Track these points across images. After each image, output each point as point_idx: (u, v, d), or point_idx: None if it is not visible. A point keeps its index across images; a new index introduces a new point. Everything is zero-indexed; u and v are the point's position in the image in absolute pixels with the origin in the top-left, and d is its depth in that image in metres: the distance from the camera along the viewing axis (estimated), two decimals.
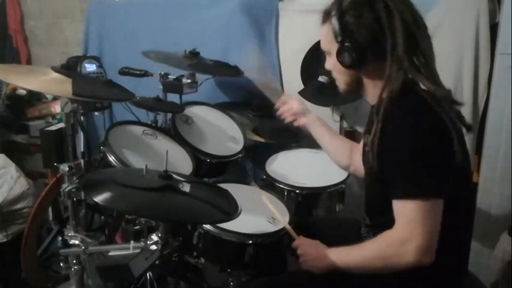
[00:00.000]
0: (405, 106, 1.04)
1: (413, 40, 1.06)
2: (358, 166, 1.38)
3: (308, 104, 2.06)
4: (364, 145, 1.25)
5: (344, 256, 1.13)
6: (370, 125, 1.14)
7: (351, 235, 1.34)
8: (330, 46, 1.15)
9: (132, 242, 1.15)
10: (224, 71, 2.11)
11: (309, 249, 1.22)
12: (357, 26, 1.06)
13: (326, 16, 1.14)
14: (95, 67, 1.85)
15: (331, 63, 1.19)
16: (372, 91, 1.16)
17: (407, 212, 1.00)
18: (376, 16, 1.05)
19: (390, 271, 1.05)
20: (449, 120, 1.02)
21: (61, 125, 1.45)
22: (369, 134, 1.13)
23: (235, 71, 2.12)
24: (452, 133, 1.01)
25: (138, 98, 1.70)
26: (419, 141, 1.00)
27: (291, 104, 1.59)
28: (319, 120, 1.58)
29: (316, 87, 1.99)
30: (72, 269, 1.41)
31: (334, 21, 1.09)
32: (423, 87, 1.07)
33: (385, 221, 1.06)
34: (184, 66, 1.92)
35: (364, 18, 1.06)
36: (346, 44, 1.08)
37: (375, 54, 1.08)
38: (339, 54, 1.11)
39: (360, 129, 2.09)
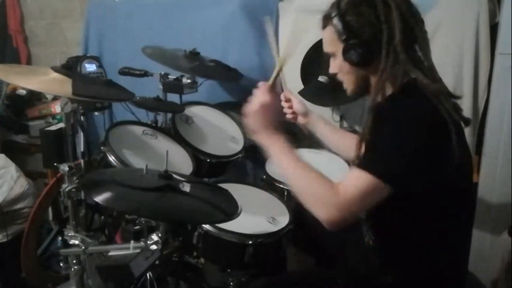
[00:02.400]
0: (403, 100, 1.03)
1: (410, 33, 1.06)
2: None
3: (308, 104, 2.07)
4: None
5: (284, 161, 1.17)
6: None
7: (351, 235, 1.33)
8: (334, 47, 1.14)
9: (132, 242, 1.15)
10: (224, 75, 2.11)
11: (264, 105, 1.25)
12: (359, 23, 1.07)
13: (326, 20, 1.14)
14: (95, 67, 1.85)
15: (336, 64, 1.18)
16: (380, 97, 1.12)
17: (353, 178, 1.00)
18: (374, 10, 1.06)
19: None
20: (448, 116, 0.99)
21: (61, 125, 1.44)
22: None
23: (235, 74, 2.12)
24: (451, 132, 0.98)
25: (138, 98, 1.70)
26: (407, 131, 0.97)
27: (294, 104, 1.56)
28: (321, 119, 1.56)
29: (316, 87, 2.00)
30: (72, 269, 1.41)
31: (336, 21, 1.09)
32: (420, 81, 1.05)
33: (380, 217, 1.05)
34: (184, 69, 1.92)
35: (364, 14, 1.06)
36: (351, 42, 1.08)
37: (380, 49, 1.07)
38: (345, 52, 1.10)
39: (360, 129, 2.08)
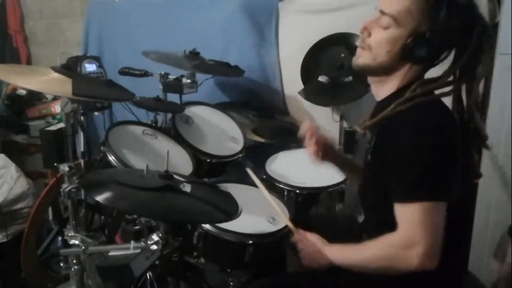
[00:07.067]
0: (416, 112, 1.01)
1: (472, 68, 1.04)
2: None
3: (308, 104, 2.07)
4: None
5: (345, 255, 1.10)
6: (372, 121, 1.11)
7: (348, 232, 1.33)
8: (403, 18, 1.01)
9: (132, 242, 1.15)
10: (225, 71, 2.11)
11: (308, 244, 1.18)
12: (443, 27, 1.00)
13: None
14: (95, 67, 1.85)
15: (382, 35, 1.04)
16: (389, 86, 1.10)
17: (410, 216, 0.97)
18: (464, 34, 1.01)
19: (392, 273, 1.02)
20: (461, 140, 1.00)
21: (61, 125, 1.44)
22: (371, 131, 1.11)
23: (236, 71, 2.12)
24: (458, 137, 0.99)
25: (138, 98, 1.70)
26: (424, 145, 0.97)
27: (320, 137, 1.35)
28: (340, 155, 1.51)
29: (316, 87, 2.00)
30: (72, 269, 1.41)
31: (430, 5, 0.99)
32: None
33: (379, 217, 1.05)
34: (185, 66, 1.92)
35: (453, 26, 1.00)
36: (427, 36, 1.00)
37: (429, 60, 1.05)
38: (415, 43, 1.01)
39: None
